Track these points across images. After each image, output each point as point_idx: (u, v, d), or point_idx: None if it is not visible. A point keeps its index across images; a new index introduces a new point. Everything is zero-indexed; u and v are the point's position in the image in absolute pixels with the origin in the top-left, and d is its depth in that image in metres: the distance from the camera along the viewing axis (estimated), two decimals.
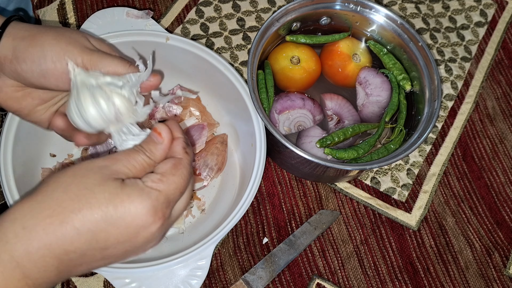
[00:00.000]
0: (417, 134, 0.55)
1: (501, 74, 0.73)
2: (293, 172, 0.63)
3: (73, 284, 0.55)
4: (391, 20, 0.60)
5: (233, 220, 0.50)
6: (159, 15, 0.71)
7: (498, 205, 0.65)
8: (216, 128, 0.62)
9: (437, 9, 0.76)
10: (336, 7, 0.61)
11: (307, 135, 0.58)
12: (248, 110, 0.55)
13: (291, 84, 0.61)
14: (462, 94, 0.71)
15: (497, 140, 0.69)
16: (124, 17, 0.60)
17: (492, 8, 0.78)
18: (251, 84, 0.53)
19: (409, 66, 0.61)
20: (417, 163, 0.66)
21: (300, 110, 0.58)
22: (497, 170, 0.67)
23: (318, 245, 0.60)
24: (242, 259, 0.58)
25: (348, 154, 0.55)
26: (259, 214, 0.61)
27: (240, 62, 0.69)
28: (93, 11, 0.68)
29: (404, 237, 0.62)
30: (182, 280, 0.49)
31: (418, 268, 0.60)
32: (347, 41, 0.62)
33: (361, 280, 0.59)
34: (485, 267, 0.61)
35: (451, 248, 0.62)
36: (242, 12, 0.72)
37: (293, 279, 0.58)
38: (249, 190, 0.52)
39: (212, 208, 0.58)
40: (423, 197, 0.64)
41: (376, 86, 0.60)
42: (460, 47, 0.74)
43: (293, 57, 0.60)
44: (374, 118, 0.61)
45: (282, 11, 0.58)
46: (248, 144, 0.57)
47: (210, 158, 0.59)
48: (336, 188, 0.63)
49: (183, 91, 0.61)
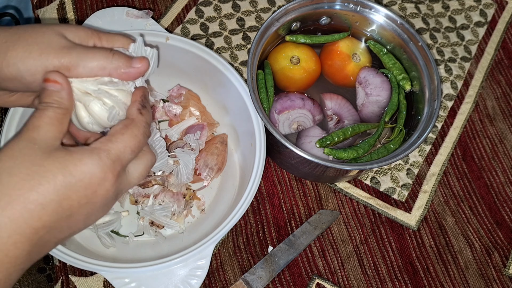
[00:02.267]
0: (417, 134, 0.55)
1: (501, 74, 0.73)
2: (293, 172, 0.63)
3: (73, 284, 0.55)
4: (391, 20, 0.60)
5: (232, 220, 0.50)
6: (159, 15, 0.71)
7: (498, 205, 0.65)
8: (216, 128, 0.62)
9: (437, 9, 0.76)
10: (336, 7, 0.61)
11: (307, 135, 0.58)
12: (248, 110, 0.55)
13: (291, 84, 0.61)
14: (462, 94, 0.71)
15: (497, 140, 0.69)
16: (124, 17, 0.60)
17: (492, 8, 0.78)
18: (251, 84, 0.53)
19: (409, 66, 0.61)
20: (417, 163, 0.66)
21: (300, 110, 0.58)
22: (497, 170, 0.67)
23: (318, 245, 0.60)
24: (242, 259, 0.58)
25: (348, 154, 0.55)
26: (259, 214, 0.61)
27: (240, 62, 0.69)
28: (93, 11, 0.68)
29: (404, 237, 0.62)
30: (182, 280, 0.49)
31: (417, 268, 0.60)
32: (346, 41, 0.62)
33: (360, 280, 0.59)
34: (485, 267, 0.61)
35: (451, 248, 0.62)
36: (242, 12, 0.72)
37: (293, 279, 0.58)
38: (248, 190, 0.52)
39: (212, 208, 0.58)
40: (423, 197, 0.64)
41: (376, 86, 0.60)
42: (460, 47, 0.74)
43: (293, 57, 0.60)
44: (374, 118, 0.61)
45: (282, 11, 0.58)
46: (248, 144, 0.57)
47: (210, 158, 0.59)
48: (336, 188, 0.63)
49: (179, 91, 0.61)
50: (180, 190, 0.57)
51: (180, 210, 0.56)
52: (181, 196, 0.57)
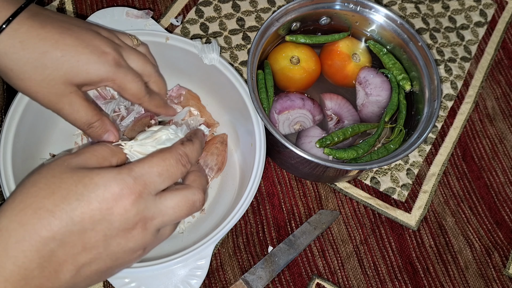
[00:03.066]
0: (417, 134, 0.55)
1: (500, 74, 0.73)
2: (293, 172, 0.63)
3: None
4: (391, 20, 0.60)
5: (232, 220, 0.50)
6: (158, 15, 0.71)
7: (498, 205, 0.65)
8: (216, 128, 0.62)
9: (437, 9, 0.76)
10: (336, 7, 0.61)
11: (306, 135, 0.58)
12: (247, 110, 0.55)
13: (290, 84, 0.61)
14: (462, 94, 0.71)
15: (497, 140, 0.69)
16: (124, 17, 0.60)
17: (492, 8, 0.78)
18: (250, 84, 0.53)
19: (408, 66, 0.61)
20: (417, 163, 0.66)
21: (299, 110, 0.58)
22: (497, 170, 0.67)
23: (318, 245, 0.60)
24: (241, 259, 0.58)
25: (348, 154, 0.55)
26: (259, 214, 0.61)
27: (240, 62, 0.69)
28: (93, 11, 0.68)
29: (403, 237, 0.62)
30: (182, 280, 0.49)
31: (417, 268, 0.60)
32: (346, 41, 0.62)
33: (360, 280, 0.59)
34: (485, 267, 0.61)
35: (451, 248, 0.62)
36: (242, 12, 0.72)
37: (293, 279, 0.58)
38: (248, 190, 0.52)
39: (212, 208, 0.58)
40: (423, 197, 0.64)
41: (376, 86, 0.60)
42: (460, 47, 0.74)
43: (293, 57, 0.60)
44: (374, 118, 0.61)
45: (282, 11, 0.58)
46: (248, 144, 0.57)
47: (210, 158, 0.59)
48: (335, 188, 0.63)
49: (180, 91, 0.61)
50: None
51: None
52: None
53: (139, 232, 0.35)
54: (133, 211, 0.34)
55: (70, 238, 0.32)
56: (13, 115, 0.51)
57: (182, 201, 0.37)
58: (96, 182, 0.33)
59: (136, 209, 0.34)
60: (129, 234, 0.34)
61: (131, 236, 0.35)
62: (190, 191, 0.38)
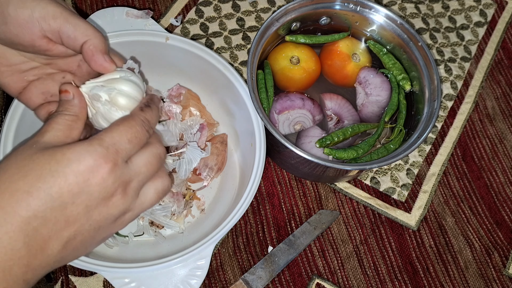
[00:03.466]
0: (417, 134, 0.55)
1: (500, 74, 0.73)
2: (292, 172, 0.63)
3: (73, 284, 0.55)
4: (391, 20, 0.60)
5: (232, 220, 0.50)
6: (158, 15, 0.71)
7: (498, 205, 0.65)
8: (216, 128, 0.62)
9: (437, 9, 0.76)
10: (336, 7, 0.61)
11: (306, 135, 0.58)
12: (247, 110, 0.55)
13: (290, 84, 0.61)
14: (462, 94, 0.71)
15: (497, 140, 0.69)
16: (124, 17, 0.60)
17: (491, 8, 0.78)
18: (250, 84, 0.53)
19: (408, 66, 0.61)
20: (417, 163, 0.66)
21: (299, 110, 0.58)
22: (497, 170, 0.67)
23: (318, 245, 0.60)
24: (241, 259, 0.58)
25: (348, 154, 0.55)
26: (259, 214, 0.61)
27: (240, 62, 0.69)
28: (93, 11, 0.68)
29: (403, 237, 0.62)
30: (182, 280, 0.49)
31: (417, 268, 0.60)
32: (346, 41, 0.62)
33: (360, 280, 0.59)
34: (485, 267, 0.61)
35: (451, 248, 0.62)
36: (241, 12, 0.72)
37: (293, 279, 0.58)
38: (248, 190, 0.52)
39: (212, 208, 0.58)
40: (423, 197, 0.64)
41: (376, 86, 0.60)
42: (460, 47, 0.74)
43: (293, 57, 0.60)
44: (374, 118, 0.61)
45: (282, 11, 0.58)
46: (247, 144, 0.57)
47: (210, 158, 0.59)
48: (335, 188, 0.63)
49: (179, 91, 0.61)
50: (180, 190, 0.57)
51: (180, 210, 0.56)
52: (181, 196, 0.57)
53: (119, 198, 0.36)
54: (110, 179, 0.34)
55: (52, 214, 0.33)
56: (13, 115, 0.51)
57: (150, 156, 0.38)
58: (68, 157, 0.33)
59: (113, 177, 0.35)
60: (110, 201, 0.35)
61: (112, 203, 0.35)
62: (153, 146, 0.39)
